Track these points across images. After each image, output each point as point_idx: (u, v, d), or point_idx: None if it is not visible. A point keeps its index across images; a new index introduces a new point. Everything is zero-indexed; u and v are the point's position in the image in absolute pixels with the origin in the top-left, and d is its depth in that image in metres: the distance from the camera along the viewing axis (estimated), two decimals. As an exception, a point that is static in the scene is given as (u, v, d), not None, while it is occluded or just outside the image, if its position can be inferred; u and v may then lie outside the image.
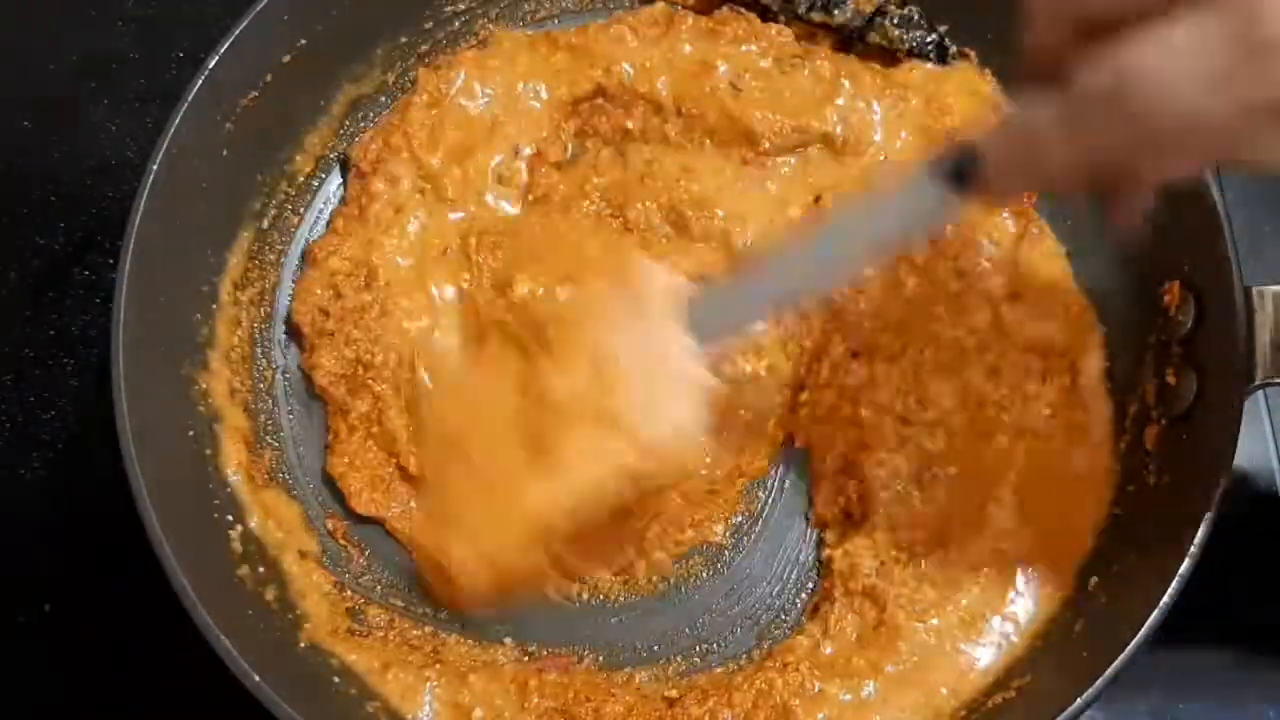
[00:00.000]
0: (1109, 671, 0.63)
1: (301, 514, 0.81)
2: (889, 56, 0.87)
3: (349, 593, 0.79)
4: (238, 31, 0.77)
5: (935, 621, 0.73)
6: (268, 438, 0.82)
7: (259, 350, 0.84)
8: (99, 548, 0.84)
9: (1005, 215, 0.82)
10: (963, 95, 0.85)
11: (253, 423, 0.81)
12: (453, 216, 0.86)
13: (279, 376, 0.85)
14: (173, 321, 0.78)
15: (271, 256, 0.86)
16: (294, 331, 0.85)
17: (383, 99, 0.90)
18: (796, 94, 0.85)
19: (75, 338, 0.92)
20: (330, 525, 0.81)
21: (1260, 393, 0.77)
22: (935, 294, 0.80)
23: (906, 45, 0.86)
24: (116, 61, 1.00)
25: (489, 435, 0.69)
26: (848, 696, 0.72)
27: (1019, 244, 0.81)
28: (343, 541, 0.81)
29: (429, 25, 0.90)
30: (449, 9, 0.90)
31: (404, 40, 0.90)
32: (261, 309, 0.85)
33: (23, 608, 0.84)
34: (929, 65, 0.86)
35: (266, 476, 0.80)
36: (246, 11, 0.78)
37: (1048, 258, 0.82)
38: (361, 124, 0.90)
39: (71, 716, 0.83)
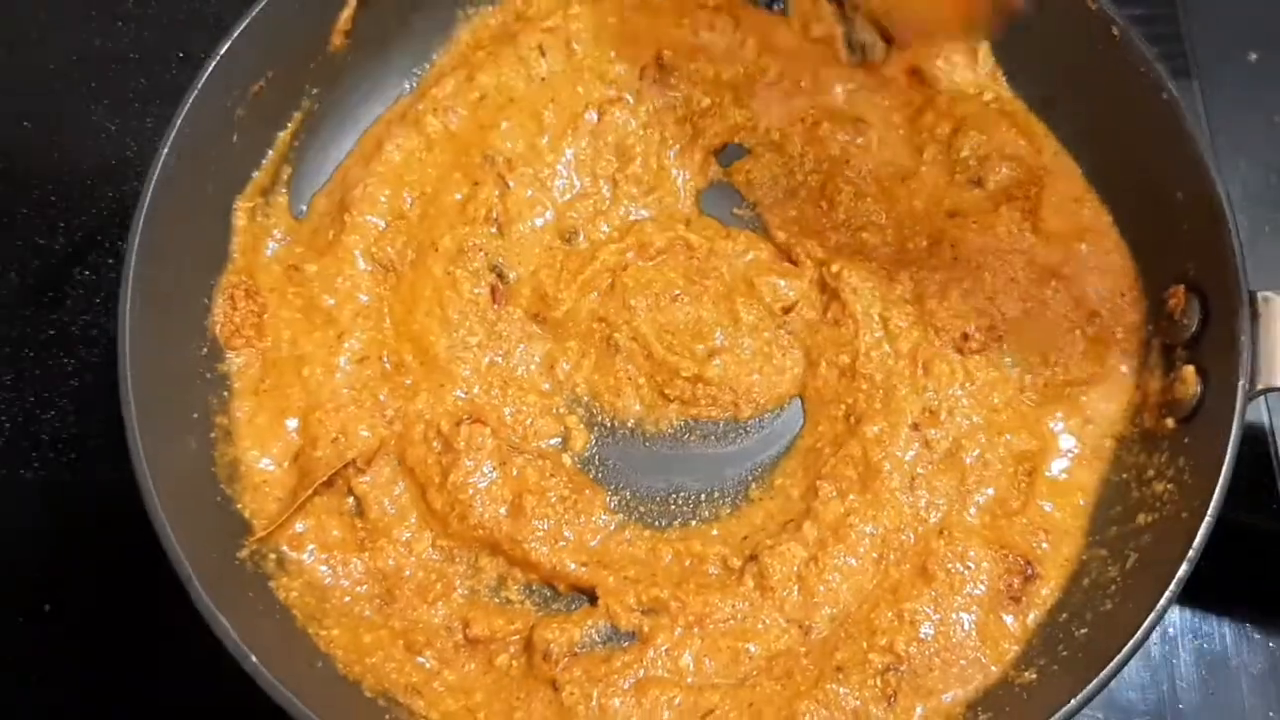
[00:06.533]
0: (1107, 671, 0.63)
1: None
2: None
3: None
4: (237, 32, 0.77)
5: None
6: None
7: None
8: (99, 548, 0.84)
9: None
10: None
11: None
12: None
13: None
14: (176, 322, 0.77)
15: (273, 258, 0.86)
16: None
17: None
18: None
19: (75, 338, 0.91)
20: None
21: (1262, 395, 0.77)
22: None
23: None
24: (116, 61, 1.00)
25: None
26: None
27: None
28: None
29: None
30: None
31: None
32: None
33: (23, 608, 0.84)
34: None
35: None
36: (246, 11, 0.78)
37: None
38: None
39: (72, 716, 0.83)
